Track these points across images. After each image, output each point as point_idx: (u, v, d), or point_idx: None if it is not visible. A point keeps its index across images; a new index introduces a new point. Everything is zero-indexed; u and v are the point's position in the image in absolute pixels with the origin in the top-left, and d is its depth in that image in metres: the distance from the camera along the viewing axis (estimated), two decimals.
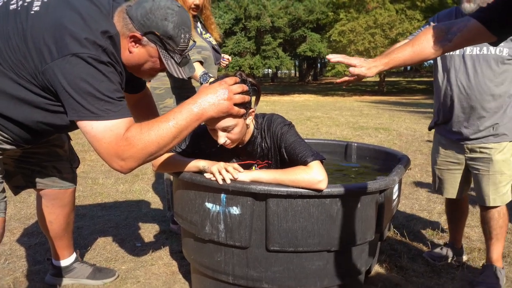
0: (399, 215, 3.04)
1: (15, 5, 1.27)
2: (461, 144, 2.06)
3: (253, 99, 1.56)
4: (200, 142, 1.68)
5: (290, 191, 1.41)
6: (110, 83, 1.24)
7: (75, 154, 1.93)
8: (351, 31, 19.33)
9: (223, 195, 1.48)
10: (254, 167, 1.70)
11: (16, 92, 1.27)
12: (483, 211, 2.07)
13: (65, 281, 2.03)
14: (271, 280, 1.53)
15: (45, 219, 1.90)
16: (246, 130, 1.58)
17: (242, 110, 1.43)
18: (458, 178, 2.15)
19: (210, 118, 1.34)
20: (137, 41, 1.31)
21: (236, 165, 1.51)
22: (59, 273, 2.02)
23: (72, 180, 1.90)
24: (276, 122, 1.62)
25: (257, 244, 1.50)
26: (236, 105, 1.37)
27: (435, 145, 2.24)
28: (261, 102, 1.99)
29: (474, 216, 2.91)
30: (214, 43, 2.60)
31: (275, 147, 1.63)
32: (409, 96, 18.21)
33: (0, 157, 1.40)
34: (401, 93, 20.74)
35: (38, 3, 1.26)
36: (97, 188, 3.71)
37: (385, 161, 2.16)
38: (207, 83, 1.94)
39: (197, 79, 2.25)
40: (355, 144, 2.36)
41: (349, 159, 2.35)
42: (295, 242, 1.47)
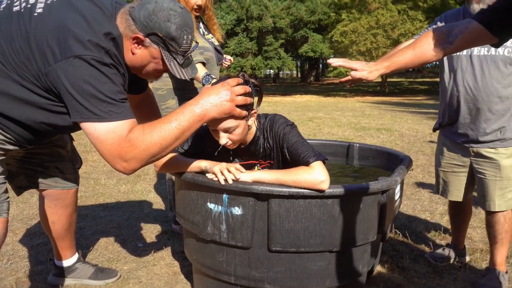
0: (401, 215, 3.04)
1: (18, 7, 1.28)
2: (466, 147, 2.03)
3: (255, 100, 1.57)
4: (202, 142, 1.69)
5: (292, 192, 1.42)
6: (113, 84, 1.25)
7: (77, 154, 1.94)
8: (353, 31, 19.31)
9: (225, 196, 1.48)
10: (256, 167, 1.70)
11: (19, 93, 1.28)
12: (488, 215, 2.05)
13: (67, 281, 2.03)
14: (273, 280, 1.53)
15: (48, 220, 1.90)
16: (248, 131, 1.58)
17: (244, 112, 1.43)
18: (463, 180, 2.12)
19: (212, 119, 1.34)
20: (140, 42, 1.31)
21: (238, 166, 1.51)
22: (61, 273, 2.02)
23: (75, 181, 1.90)
24: (279, 122, 1.62)
25: (259, 244, 1.50)
26: (238, 106, 1.37)
27: (439, 147, 2.21)
28: (263, 103, 1.99)
29: (476, 217, 2.91)
30: (216, 43, 2.60)
31: (278, 147, 1.63)
32: (411, 97, 18.17)
33: (3, 157, 1.41)
34: (403, 93, 20.70)
35: (41, 5, 1.27)
36: (99, 188, 3.72)
37: (387, 161, 2.15)
38: (210, 84, 1.95)
39: (199, 80, 2.25)
40: (357, 145, 2.36)
41: (351, 159, 2.35)
42: (297, 243, 1.47)
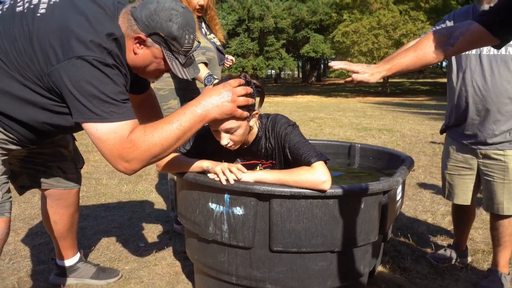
0: (402, 216, 3.04)
1: (21, 7, 1.28)
2: (474, 149, 1.99)
3: (257, 100, 1.57)
4: (204, 142, 1.69)
5: (293, 192, 1.42)
6: (115, 85, 1.25)
7: (79, 154, 1.94)
8: (354, 32, 19.31)
9: (226, 196, 1.48)
10: (258, 167, 1.70)
11: (22, 93, 1.28)
12: (493, 218, 2.03)
13: (69, 281, 2.04)
14: (275, 280, 1.53)
15: (50, 219, 1.91)
16: (250, 132, 1.58)
17: (246, 113, 1.43)
18: (469, 183, 2.09)
19: (214, 119, 1.35)
20: (141, 42, 1.32)
21: (240, 166, 1.51)
22: (63, 273, 2.03)
23: (77, 181, 1.91)
24: (281, 122, 1.62)
25: (261, 244, 1.50)
26: (239, 107, 1.38)
27: (446, 149, 2.17)
28: (264, 103, 1.99)
29: (478, 218, 2.90)
30: (218, 43, 2.60)
31: (279, 147, 1.63)
32: (412, 97, 18.16)
33: (6, 157, 1.42)
34: (404, 94, 20.69)
35: (44, 6, 1.27)
36: (101, 188, 3.73)
37: (389, 162, 2.15)
38: (211, 84, 1.95)
39: (201, 80, 2.25)
40: (359, 145, 2.35)
41: (352, 160, 2.35)
42: (298, 243, 1.47)
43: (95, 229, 2.75)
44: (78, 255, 2.07)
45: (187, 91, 2.52)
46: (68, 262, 2.03)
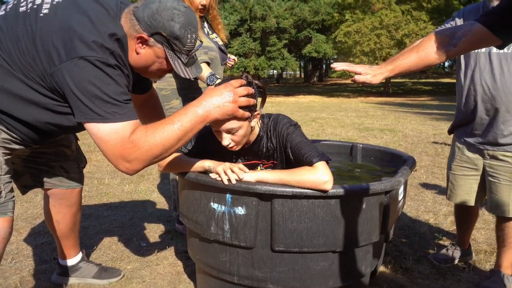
0: (404, 216, 3.03)
1: (24, 7, 1.29)
2: (481, 149, 1.97)
3: (259, 100, 1.57)
4: (206, 142, 1.69)
5: (295, 192, 1.42)
6: (117, 86, 1.25)
7: (82, 154, 1.95)
8: (356, 32, 19.31)
9: (228, 195, 1.49)
10: (259, 167, 1.70)
11: (25, 93, 1.29)
12: (499, 219, 2.01)
13: (71, 280, 2.04)
14: (276, 280, 1.53)
15: (52, 219, 1.91)
16: (251, 132, 1.58)
17: (247, 113, 1.43)
18: (473, 184, 2.06)
19: (215, 120, 1.35)
20: (144, 42, 1.32)
21: (242, 166, 1.51)
22: (65, 272, 2.03)
23: (79, 180, 1.91)
24: (282, 122, 1.62)
25: (262, 244, 1.50)
26: (241, 107, 1.38)
27: (452, 149, 2.14)
28: (266, 103, 2.00)
29: (480, 218, 2.89)
30: (221, 43, 2.61)
31: (281, 147, 1.63)
32: (414, 97, 18.14)
33: (9, 157, 1.42)
34: (406, 94, 20.66)
35: (47, 6, 1.28)
36: (103, 188, 3.73)
37: (391, 162, 2.15)
38: (214, 84, 1.95)
39: (204, 80, 2.26)
40: (361, 145, 2.35)
41: (354, 160, 2.35)
42: (300, 243, 1.47)
43: (97, 228, 2.76)
44: (80, 255, 2.07)
45: (189, 91, 2.53)
46: (70, 262, 2.03)
